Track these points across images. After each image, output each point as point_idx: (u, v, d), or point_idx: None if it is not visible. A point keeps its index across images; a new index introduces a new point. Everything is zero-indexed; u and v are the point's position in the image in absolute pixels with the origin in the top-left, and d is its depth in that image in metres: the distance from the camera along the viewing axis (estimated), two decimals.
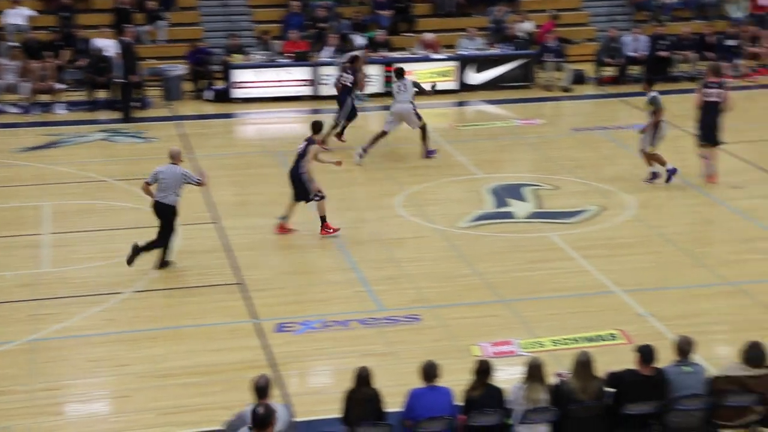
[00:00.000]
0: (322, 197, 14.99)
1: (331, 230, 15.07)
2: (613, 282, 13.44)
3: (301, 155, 14.99)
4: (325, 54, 24.11)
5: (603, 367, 9.60)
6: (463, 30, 25.50)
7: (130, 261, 13.73)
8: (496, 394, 9.27)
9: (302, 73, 23.65)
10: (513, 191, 17.03)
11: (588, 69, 24.85)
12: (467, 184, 17.63)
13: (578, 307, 12.81)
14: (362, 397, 9.18)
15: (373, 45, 24.71)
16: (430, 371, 9.27)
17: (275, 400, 9.00)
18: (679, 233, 15.04)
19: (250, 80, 23.46)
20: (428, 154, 19.08)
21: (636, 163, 18.62)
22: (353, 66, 20.04)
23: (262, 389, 8.76)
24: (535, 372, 9.25)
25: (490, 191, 17.08)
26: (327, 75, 23.54)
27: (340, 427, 9.23)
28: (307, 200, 15.08)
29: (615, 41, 24.41)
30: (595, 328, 12.15)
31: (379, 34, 25.10)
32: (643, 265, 14.02)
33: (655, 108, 16.91)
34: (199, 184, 14.11)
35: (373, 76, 23.41)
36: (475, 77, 24.16)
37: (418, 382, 9.29)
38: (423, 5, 27.35)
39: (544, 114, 22.29)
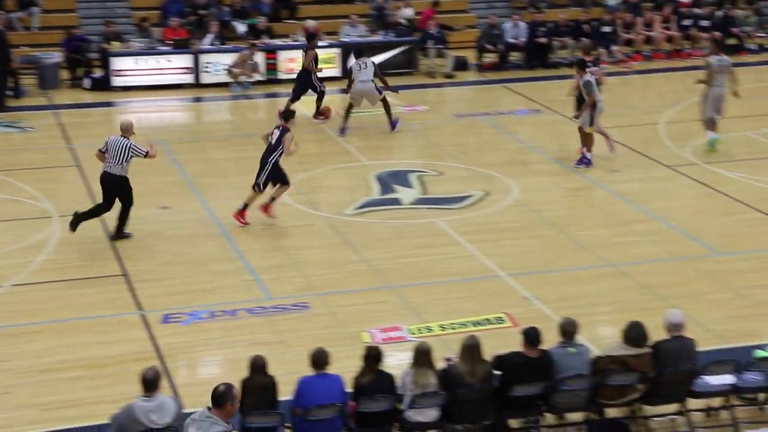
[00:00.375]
0: (261, 191, 14.89)
1: (243, 221, 14.92)
2: (499, 266, 13.63)
3: (276, 144, 14.85)
4: (207, 41, 23.83)
5: (490, 350, 9.73)
6: (345, 17, 25.49)
7: (72, 227, 14.11)
8: (386, 380, 9.32)
9: (183, 60, 23.32)
10: (399, 178, 17.12)
11: (469, 55, 25.10)
12: (353, 171, 17.66)
13: (465, 291, 12.96)
14: (258, 385, 9.14)
15: (254, 32, 24.53)
16: (319, 359, 9.27)
17: (163, 392, 8.88)
18: (562, 217, 15.33)
19: (130, 68, 23.03)
20: (393, 125, 19.63)
21: (518, 148, 18.93)
22: (310, 45, 20.63)
23: (150, 382, 8.64)
24: (422, 357, 9.32)
25: (376, 178, 17.14)
26: (209, 63, 23.29)
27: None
28: (261, 186, 14.88)
29: (495, 28, 24.71)
30: (482, 311, 12.30)
31: (261, 21, 24.92)
32: (528, 249, 14.26)
33: (588, 92, 17.24)
34: (147, 155, 14.26)
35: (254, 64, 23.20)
36: None
37: (307, 370, 9.28)
38: None
39: (428, 100, 22.45)
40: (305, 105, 20.57)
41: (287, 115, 15.34)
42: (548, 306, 12.41)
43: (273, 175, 14.98)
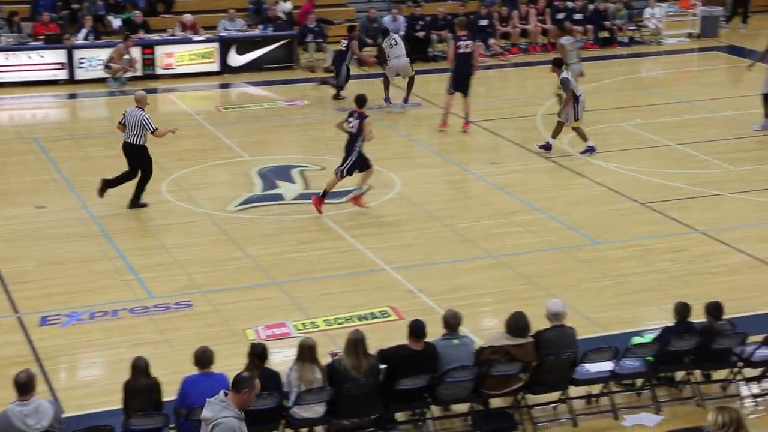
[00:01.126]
0: (342, 177, 15.16)
1: (319, 208, 15.09)
2: (383, 260, 13.69)
3: (358, 131, 14.94)
4: (81, 36, 23.31)
5: (377, 344, 9.78)
6: (223, 11, 25.24)
7: (100, 193, 15.21)
8: (272, 376, 9.27)
9: (56, 56, 22.76)
10: (281, 173, 17.05)
11: None
12: (235, 167, 17.51)
13: (350, 285, 12.98)
14: (140, 387, 8.99)
15: (130, 27, 24.08)
16: (203, 357, 9.18)
17: (41, 396, 8.67)
18: (443, 209, 15.48)
19: (0, 64, 22.38)
20: (406, 101, 20.80)
21: (400, 142, 19.02)
22: (350, 35, 21.44)
23: (24, 385, 8.43)
24: (307, 352, 9.30)
25: (258, 174, 17.03)
26: (83, 58, 22.79)
27: (114, 419, 9.01)
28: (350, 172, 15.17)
29: (374, 22, 24.77)
30: (368, 305, 12.34)
31: (137, 15, 24.47)
32: (411, 242, 14.35)
33: (565, 89, 17.65)
34: (153, 133, 15.05)
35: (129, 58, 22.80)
36: (236, 59, 23.96)
37: (191, 369, 9.19)
38: None
39: (308, 95, 22.37)
40: (201, 101, 20.27)
41: (361, 101, 15.41)
42: (432, 298, 12.51)
43: (359, 163, 15.09)
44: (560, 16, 26.09)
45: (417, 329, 9.57)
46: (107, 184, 15.34)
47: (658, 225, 14.87)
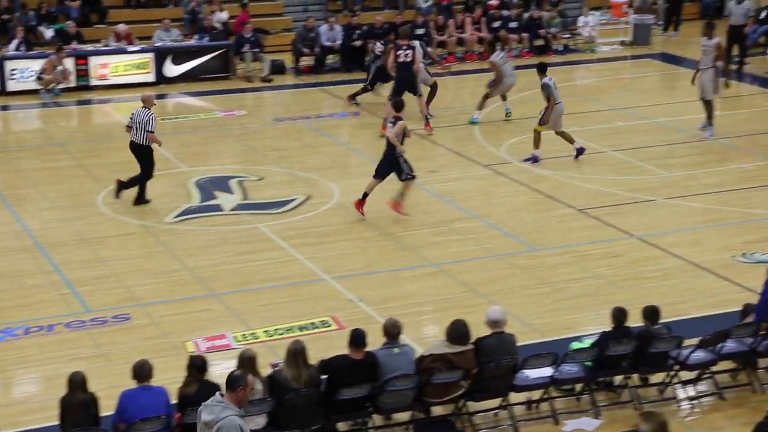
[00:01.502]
0: (413, 177, 15.27)
1: (361, 210, 15.35)
2: (323, 269, 13.66)
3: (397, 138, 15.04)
4: (12, 47, 22.99)
5: (317, 354, 9.76)
6: (158, 21, 25.07)
7: (116, 195, 15.82)
8: (212, 389, 9.17)
9: None
10: (219, 184, 16.95)
11: (286, 59, 25.07)
12: (172, 178, 17.36)
13: (290, 296, 12.94)
14: (77, 402, 8.88)
15: (63, 37, 23.81)
16: (141, 371, 9.09)
17: None
18: (383, 218, 15.48)
19: None
20: (427, 118, 19.96)
21: (338, 151, 19.01)
22: (386, 39, 21.74)
23: None
24: (246, 364, 9.24)
25: (195, 184, 16.91)
26: (15, 69, 22.48)
27: None
28: (401, 178, 15.21)
29: (311, 31, 24.76)
30: (308, 316, 12.30)
31: (70, 26, 24.20)
32: (351, 251, 14.35)
33: (547, 94, 17.87)
34: (150, 134, 15.56)
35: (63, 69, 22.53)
36: (172, 69, 23.79)
37: (130, 383, 9.09)
38: None
39: (246, 105, 22.30)
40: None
41: (398, 105, 15.55)
42: (373, 307, 12.51)
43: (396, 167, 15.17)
44: (495, 24, 26.29)
45: (357, 339, 9.56)
46: (122, 186, 15.83)
47: (594, 231, 15.03)
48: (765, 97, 21.72)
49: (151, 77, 23.48)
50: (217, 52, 24.17)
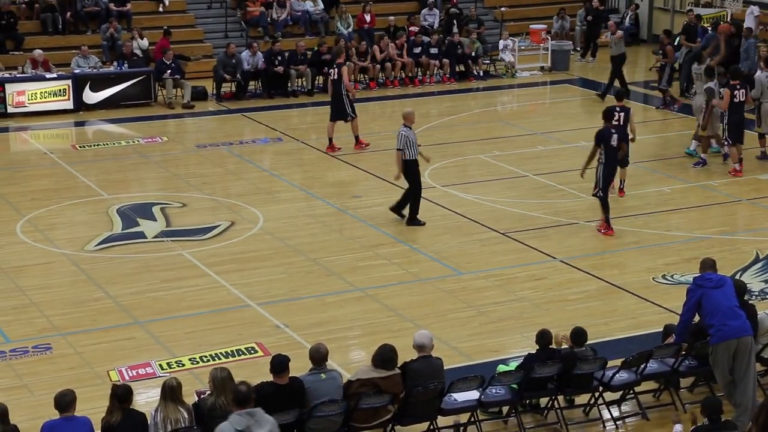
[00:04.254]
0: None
1: (607, 231, 15.80)
2: (248, 296, 13.58)
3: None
4: None
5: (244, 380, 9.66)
6: (75, 48, 24.77)
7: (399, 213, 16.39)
8: (137, 417, 9.08)
9: None
10: (141, 211, 16.76)
11: (208, 85, 24.95)
12: (93, 205, 17.13)
13: (215, 323, 12.83)
14: None
15: None
16: (63, 401, 8.94)
17: None
18: (308, 243, 15.46)
19: None
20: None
21: (262, 177, 18.94)
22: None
23: None
24: (172, 392, 9.15)
25: (117, 212, 16.70)
26: None
27: None
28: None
29: (233, 57, 24.68)
30: (234, 342, 12.21)
31: None
32: (276, 277, 14.28)
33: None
34: (399, 151, 16.08)
35: None
36: (92, 96, 23.49)
37: (53, 414, 8.93)
38: (29, 23, 26.32)
39: (168, 131, 22.12)
40: (56, 139, 19.71)
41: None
42: (299, 333, 12.46)
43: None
44: (417, 50, 26.49)
45: (277, 365, 9.54)
46: (395, 210, 16.32)
47: (518, 254, 15.17)
48: (683, 121, 22.19)
49: (69, 104, 23.16)
50: (137, 79, 23.94)
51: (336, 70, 19.97)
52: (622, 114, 17.02)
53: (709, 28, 25.32)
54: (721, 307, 10.29)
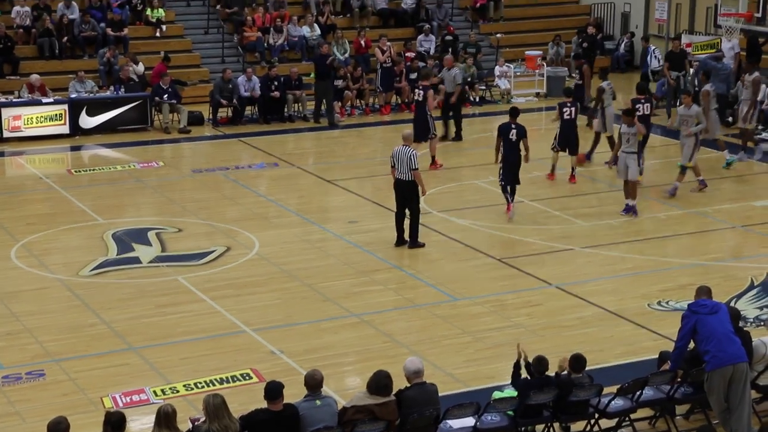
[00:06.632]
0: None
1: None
2: (243, 321, 13.55)
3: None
4: None
5: (239, 407, 9.65)
6: (72, 72, 24.83)
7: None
8: None
9: None
10: (137, 236, 16.74)
11: (204, 110, 25.00)
12: (88, 230, 17.11)
13: (211, 349, 12.78)
14: None
15: None
16: (56, 428, 8.88)
17: None
18: (303, 269, 15.43)
19: None
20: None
21: (258, 202, 18.95)
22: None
23: None
24: (166, 419, 9.10)
25: (113, 237, 16.68)
26: None
27: None
28: None
29: (229, 82, 24.74)
30: (229, 369, 12.17)
31: None
32: (271, 303, 14.25)
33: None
34: (415, 171, 16.12)
35: None
36: (88, 121, 23.53)
37: None
38: (26, 47, 26.40)
39: (164, 156, 22.14)
40: (52, 164, 19.73)
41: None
42: (294, 359, 12.43)
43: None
44: (413, 76, 26.54)
45: (272, 391, 9.49)
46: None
47: (514, 280, 15.16)
48: (673, 148, 22.24)
49: (65, 129, 23.20)
50: (134, 104, 23.98)
51: (422, 92, 20.80)
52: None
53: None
54: (716, 334, 10.29)
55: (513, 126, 17.74)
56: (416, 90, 21.23)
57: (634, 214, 17.80)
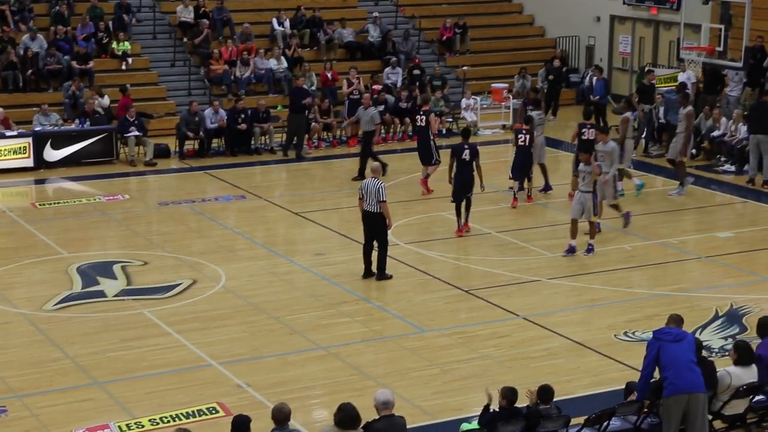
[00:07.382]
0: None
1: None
2: (209, 355, 13.45)
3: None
4: None
5: None
6: (36, 105, 24.69)
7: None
8: None
9: None
10: (102, 269, 16.62)
11: (170, 143, 24.92)
12: (52, 264, 16.97)
13: (176, 383, 12.67)
14: None
15: None
16: None
17: None
18: (270, 301, 15.37)
19: None
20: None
21: (224, 234, 18.87)
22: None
23: None
24: None
25: (77, 271, 16.55)
26: None
27: None
28: None
29: (195, 115, 24.69)
30: (195, 402, 12.06)
31: None
32: (238, 336, 14.17)
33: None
34: (383, 203, 16.12)
35: None
36: (53, 153, 23.39)
37: None
38: None
39: (130, 189, 22.03)
40: (15, 197, 19.55)
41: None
42: (261, 392, 12.34)
43: None
44: (380, 108, 26.61)
45: (239, 425, 9.44)
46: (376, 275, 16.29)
47: (481, 312, 15.17)
48: (644, 178, 22.39)
49: (29, 162, 23.04)
50: (99, 137, 23.87)
51: (424, 117, 21.44)
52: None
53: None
54: (676, 361, 10.40)
55: (466, 146, 18.44)
56: (418, 117, 21.93)
57: (590, 252, 17.59)
